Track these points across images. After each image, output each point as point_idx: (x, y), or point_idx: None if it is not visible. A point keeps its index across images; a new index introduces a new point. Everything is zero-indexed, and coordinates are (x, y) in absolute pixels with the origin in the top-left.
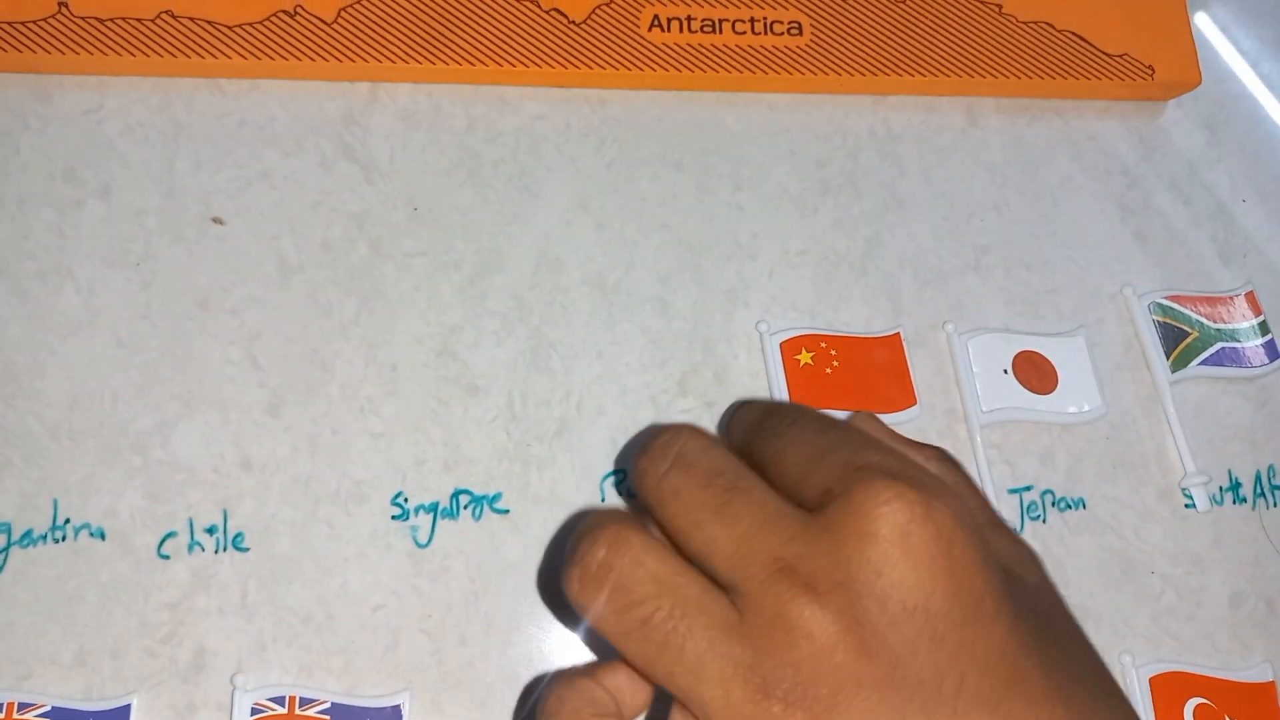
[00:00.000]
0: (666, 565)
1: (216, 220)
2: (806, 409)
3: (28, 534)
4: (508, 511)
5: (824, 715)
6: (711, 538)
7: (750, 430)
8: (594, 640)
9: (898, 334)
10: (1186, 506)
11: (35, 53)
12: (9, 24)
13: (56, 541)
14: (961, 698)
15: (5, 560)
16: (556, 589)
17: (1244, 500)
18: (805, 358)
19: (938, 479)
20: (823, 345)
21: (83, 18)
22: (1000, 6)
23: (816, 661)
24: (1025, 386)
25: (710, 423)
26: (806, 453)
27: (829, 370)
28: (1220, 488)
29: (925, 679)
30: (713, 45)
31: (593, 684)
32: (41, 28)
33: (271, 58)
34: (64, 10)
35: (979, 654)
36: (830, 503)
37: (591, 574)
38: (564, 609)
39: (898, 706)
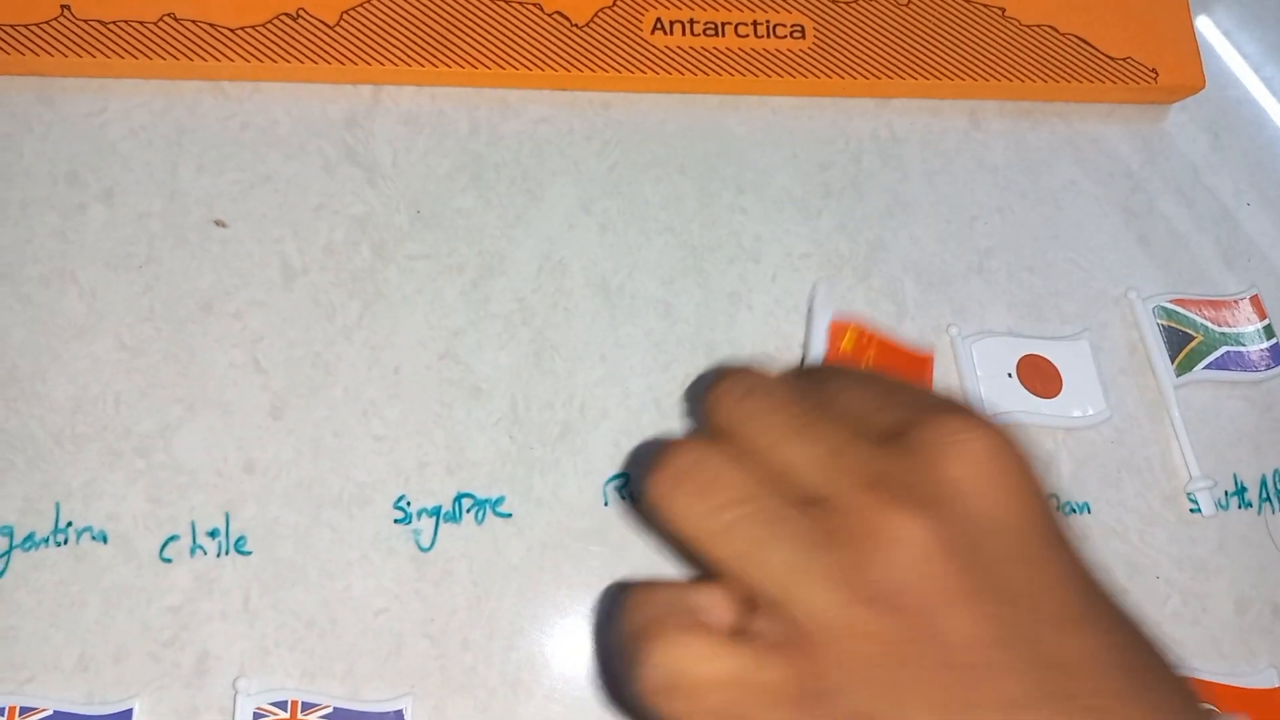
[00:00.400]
0: (752, 474)
1: (219, 223)
2: (842, 368)
3: (30, 537)
4: (510, 515)
5: (918, 621)
6: (792, 456)
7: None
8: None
9: (930, 355)
10: (1191, 511)
11: (38, 55)
12: (11, 27)
13: (59, 545)
14: (1046, 611)
15: (7, 564)
16: (553, 595)
17: (1249, 504)
18: (848, 343)
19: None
20: (865, 339)
21: (85, 20)
22: (1003, 10)
23: (908, 569)
24: (1029, 390)
25: None
26: (867, 396)
27: (862, 365)
28: (1225, 492)
29: (1013, 592)
30: (715, 49)
31: (678, 591)
32: (44, 30)
33: (274, 60)
34: (66, 13)
35: (1057, 572)
36: (906, 433)
37: (678, 477)
38: (565, 614)
39: (989, 615)
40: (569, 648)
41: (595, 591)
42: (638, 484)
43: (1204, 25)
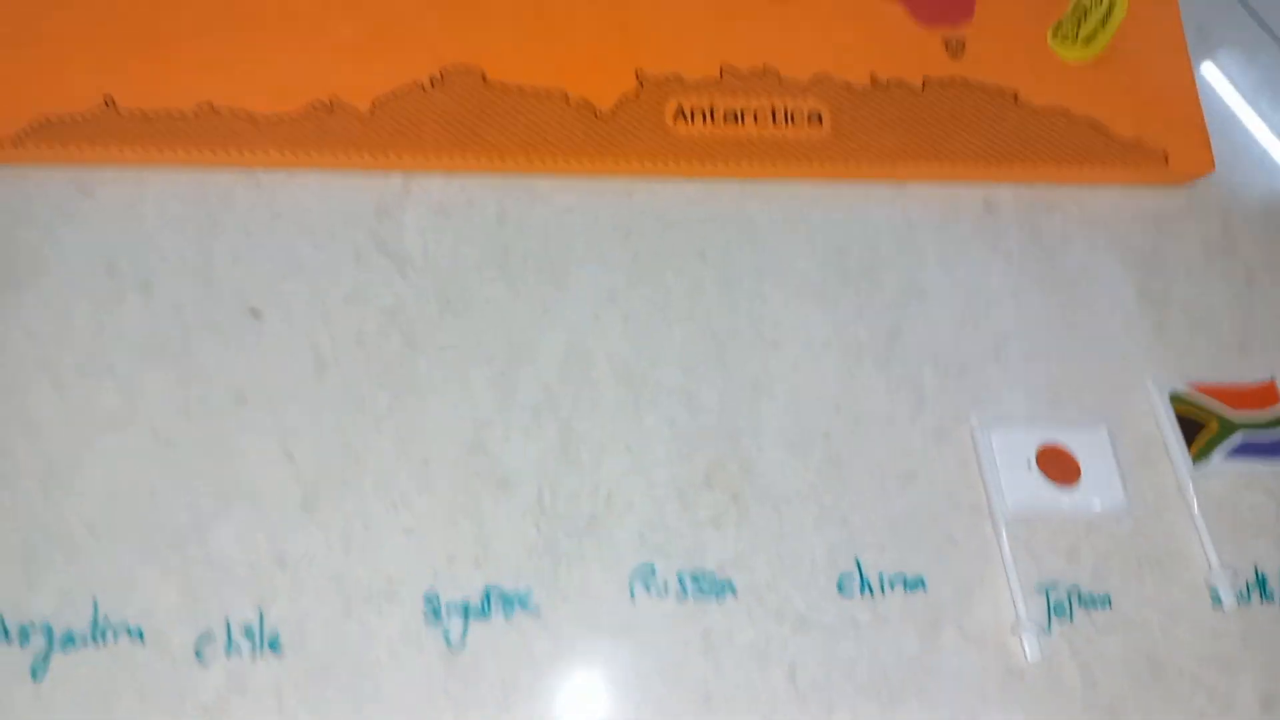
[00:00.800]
0: None
1: (254, 312)
2: None
3: (69, 637)
4: (538, 611)
5: None
6: None
7: None
8: None
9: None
10: (1214, 605)
11: (80, 146)
12: (55, 117)
13: (96, 643)
14: None
15: (47, 666)
16: (581, 691)
17: (1271, 598)
18: None
19: None
20: None
21: (127, 110)
22: (1016, 96)
23: None
24: (1049, 480)
25: (737, 517)
26: None
27: None
28: (1246, 584)
29: None
30: (736, 137)
31: None
32: (87, 121)
33: (307, 148)
34: (109, 104)
35: None
36: None
37: None
38: (593, 712)
39: None
40: None
41: (623, 688)
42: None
43: (1214, 107)
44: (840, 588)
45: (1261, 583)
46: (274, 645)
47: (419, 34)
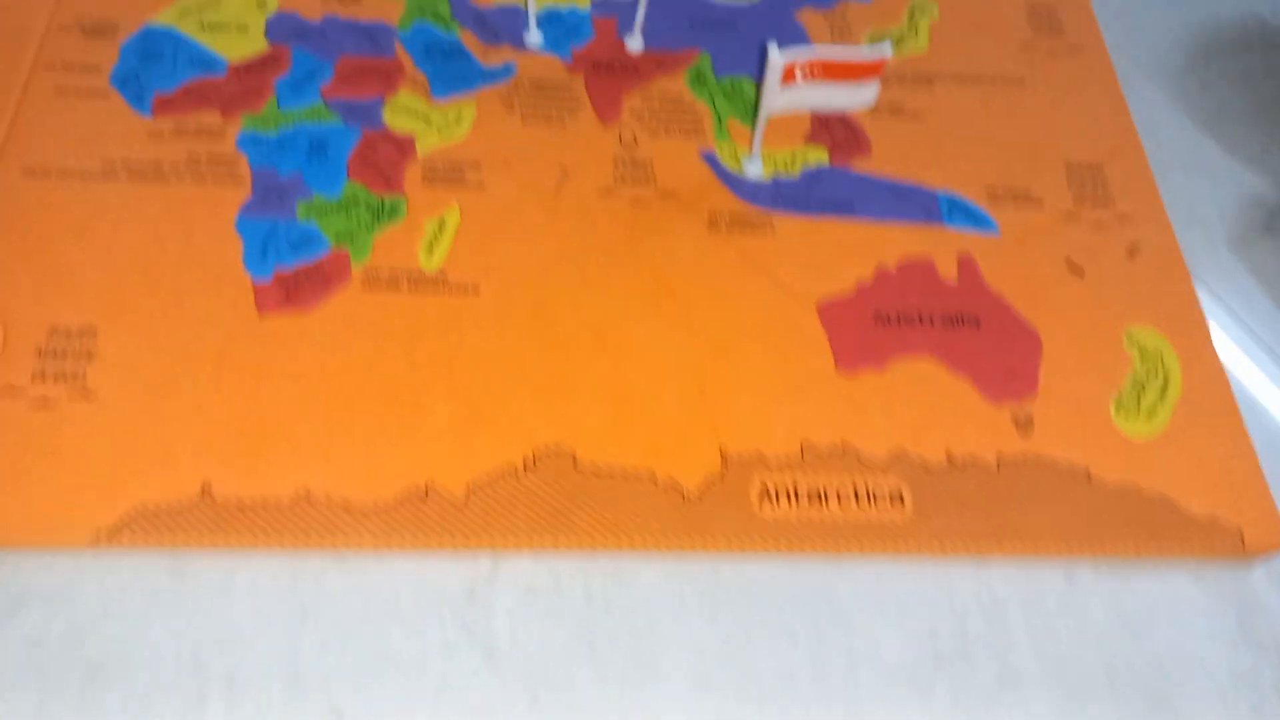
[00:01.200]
0: None
1: (337, 713)
2: None
3: None
4: None
5: None
6: None
7: None
8: None
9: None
10: None
11: (174, 534)
12: (152, 505)
13: None
14: None
15: None
16: None
17: None
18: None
19: None
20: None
21: (223, 499)
22: (1088, 474)
23: None
24: None
25: None
26: None
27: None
28: None
29: None
30: (820, 518)
31: None
32: (183, 509)
33: (400, 534)
34: (206, 495)
35: None
36: None
37: None
38: None
39: None
40: None
41: None
42: None
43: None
44: None
45: None
46: None
47: (512, 417)
